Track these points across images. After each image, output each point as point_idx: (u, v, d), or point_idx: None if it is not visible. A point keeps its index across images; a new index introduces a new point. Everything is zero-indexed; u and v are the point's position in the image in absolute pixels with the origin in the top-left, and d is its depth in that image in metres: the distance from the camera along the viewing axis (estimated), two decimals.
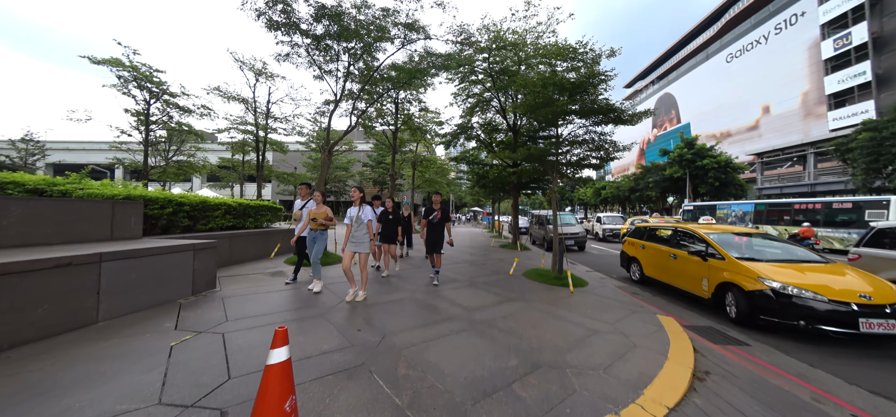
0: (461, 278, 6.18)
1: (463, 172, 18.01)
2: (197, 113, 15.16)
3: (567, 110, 5.94)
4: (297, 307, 4.01)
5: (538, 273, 6.50)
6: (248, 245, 6.92)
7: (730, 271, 4.88)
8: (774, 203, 14.72)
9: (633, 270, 7.65)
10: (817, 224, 12.30)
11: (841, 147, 15.21)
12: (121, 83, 12.91)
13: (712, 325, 4.37)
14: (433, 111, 14.83)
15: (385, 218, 6.04)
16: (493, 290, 5.30)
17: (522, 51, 10.03)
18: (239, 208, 7.02)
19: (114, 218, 3.96)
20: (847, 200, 11.96)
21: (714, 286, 5.16)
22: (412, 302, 4.38)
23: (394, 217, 6.16)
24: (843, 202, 12.05)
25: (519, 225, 12.84)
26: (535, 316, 4.09)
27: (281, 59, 7.65)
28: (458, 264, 7.90)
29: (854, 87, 26.13)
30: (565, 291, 5.46)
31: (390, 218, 6.08)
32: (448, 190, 32.92)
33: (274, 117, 14.94)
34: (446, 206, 5.49)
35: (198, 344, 2.78)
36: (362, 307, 4.09)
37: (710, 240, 5.49)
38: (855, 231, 11.23)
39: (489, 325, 3.65)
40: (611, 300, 5.10)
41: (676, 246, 6.24)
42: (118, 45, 12.36)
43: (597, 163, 6.97)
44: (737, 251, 5.36)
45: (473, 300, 4.66)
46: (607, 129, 6.65)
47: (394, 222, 6.13)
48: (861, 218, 11.39)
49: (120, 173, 30.99)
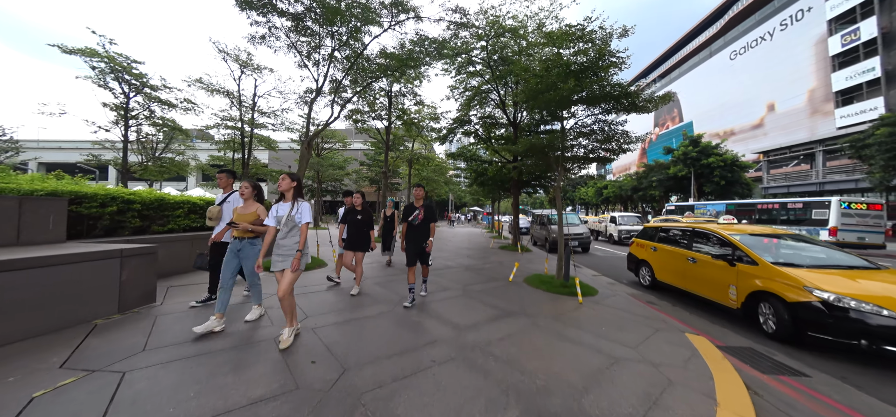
0: (454, 286, 5.43)
1: (461, 169, 17.27)
2: (180, 107, 14.41)
3: (573, 98, 5.18)
4: (242, 328, 3.26)
5: (541, 279, 5.76)
6: None
7: (765, 278, 4.20)
8: (742, 203, 16.14)
9: (642, 274, 6.95)
10: (776, 222, 13.58)
11: (857, 143, 14.51)
12: (96, 75, 12.15)
13: (752, 345, 3.63)
14: (429, 105, 14.10)
15: (352, 220, 4.71)
16: (489, 302, 4.56)
17: (523, 39, 9.29)
18: (205, 206, 6.27)
19: (21, 218, 3.21)
20: (798, 201, 13.61)
21: (744, 295, 4.48)
22: (391, 319, 3.63)
23: (364, 218, 4.76)
24: (796, 202, 13.64)
25: (519, 226, 12.09)
26: (540, 337, 3.35)
27: (256, 42, 6.90)
28: (452, 269, 7.16)
29: (862, 84, 25.45)
30: (573, 302, 4.72)
31: (359, 220, 4.71)
32: (447, 189, 32.18)
33: (261, 112, 14.17)
34: (431, 204, 4.13)
35: (75, 393, 2.00)
36: (327, 328, 3.35)
37: (739, 243, 4.78)
38: (805, 228, 12.45)
39: (483, 352, 2.91)
40: (626, 313, 4.36)
41: (695, 249, 5.54)
42: (92, 33, 11.60)
43: (606, 157, 6.22)
44: (770, 255, 4.65)
45: (466, 315, 3.91)
46: (620, 119, 5.89)
47: (363, 224, 4.75)
48: (809, 216, 12.69)
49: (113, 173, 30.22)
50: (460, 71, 11.27)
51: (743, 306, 4.49)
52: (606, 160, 6.21)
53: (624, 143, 5.82)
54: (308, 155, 6.61)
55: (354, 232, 4.72)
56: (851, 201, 11.78)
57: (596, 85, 5.23)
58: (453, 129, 11.63)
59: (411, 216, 4.10)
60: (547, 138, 6.22)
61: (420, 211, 4.09)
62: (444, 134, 11.87)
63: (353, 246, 4.71)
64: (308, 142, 6.58)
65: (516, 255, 9.76)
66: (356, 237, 4.71)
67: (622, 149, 5.89)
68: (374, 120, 13.13)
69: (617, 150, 5.95)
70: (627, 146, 5.92)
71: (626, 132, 5.82)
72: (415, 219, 4.09)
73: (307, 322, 3.48)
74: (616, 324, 3.84)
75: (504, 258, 9.24)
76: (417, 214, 4.09)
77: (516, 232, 11.78)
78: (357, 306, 4.07)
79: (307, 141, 6.58)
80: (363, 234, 4.75)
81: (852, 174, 21.71)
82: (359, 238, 4.71)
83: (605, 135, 5.92)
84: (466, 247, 11.76)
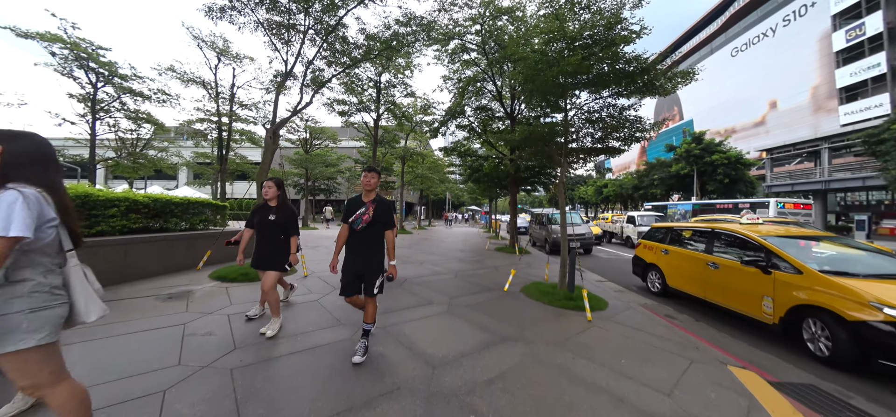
0: (438, 298, 4.59)
1: (455, 166, 16.44)
2: (155, 99, 13.44)
3: (579, 79, 4.34)
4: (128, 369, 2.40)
5: (542, 289, 4.93)
6: (161, 253, 5.29)
7: (812, 290, 3.48)
8: (704, 203, 18.59)
9: (651, 280, 6.19)
10: None
11: (870, 138, 13.84)
12: (58, 62, 11.17)
13: (815, 382, 2.82)
14: (422, 97, 13.26)
15: (261, 222, 3.15)
16: (479, 321, 3.72)
17: (522, 22, 8.46)
18: (154, 205, 5.39)
19: None
20: (746, 201, 16.13)
21: (784, 309, 3.75)
22: (341, 355, 2.77)
23: (279, 219, 3.13)
24: (745, 203, 15.98)
25: (517, 225, 11.27)
26: (542, 375, 2.52)
27: (215, 16, 6.01)
28: (440, 275, 6.31)
29: (867, 80, 24.90)
30: (580, 319, 3.90)
31: (272, 221, 3.10)
32: (443, 187, 31.32)
33: (241, 104, 13.26)
34: (386, 200, 2.74)
35: None
36: (244, 369, 2.48)
37: (775, 247, 4.03)
38: None
39: (462, 406, 2.07)
40: (647, 334, 3.54)
41: (716, 253, 4.80)
42: (52, 16, 10.62)
43: (616, 148, 5.39)
44: (815, 261, 3.88)
45: (447, 342, 3.07)
46: (631, 102, 5.05)
47: (278, 228, 3.12)
48: (755, 214, 15.01)
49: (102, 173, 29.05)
50: (454, 59, 10.43)
51: (781, 322, 3.76)
52: (617, 151, 5.39)
53: (637, 131, 4.99)
54: (274, 145, 5.74)
55: (265, 241, 3.12)
56: (785, 201, 14.58)
57: (606, 62, 4.40)
58: (446, 122, 10.77)
59: (353, 216, 2.60)
60: (548, 126, 5.40)
61: (368, 209, 2.59)
62: (437, 126, 11.01)
63: (262, 261, 3.09)
64: (274, 131, 5.71)
65: (513, 258, 8.94)
66: (266, 248, 3.10)
67: (635, 138, 5.06)
68: (361, 112, 12.25)
69: (628, 139, 5.12)
70: (640, 134, 5.09)
71: (639, 117, 4.99)
72: (357, 222, 2.58)
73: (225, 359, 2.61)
74: (638, 353, 3.01)
75: (500, 261, 8.42)
76: (363, 213, 2.57)
77: (514, 232, 10.96)
78: (292, 335, 3.19)
79: (273, 129, 5.71)
80: (277, 244, 3.11)
81: (859, 172, 21.08)
82: (270, 249, 3.10)
83: (615, 121, 5.08)
84: (460, 249, 10.93)
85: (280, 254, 3.13)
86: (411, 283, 5.49)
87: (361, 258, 2.60)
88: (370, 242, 2.64)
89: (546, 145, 5.43)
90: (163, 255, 5.31)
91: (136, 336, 2.89)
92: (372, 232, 2.63)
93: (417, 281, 5.62)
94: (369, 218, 2.59)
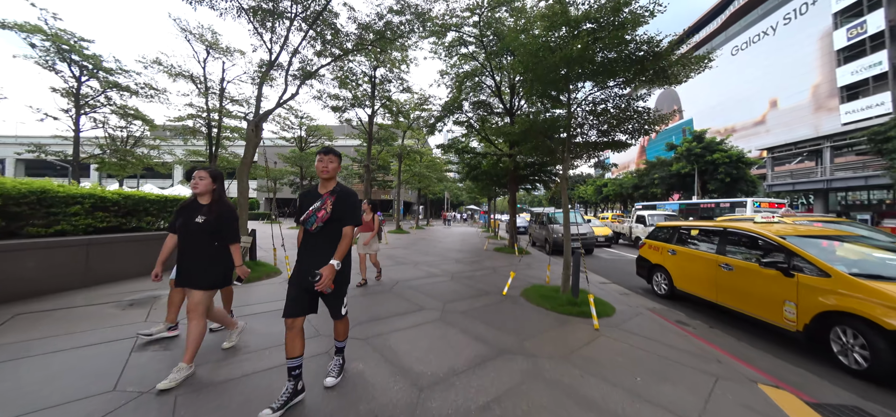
0: (431, 304, 4.21)
1: (453, 164, 16.05)
2: (142, 94, 12.99)
3: (585, 55, 3.97)
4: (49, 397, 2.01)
5: (543, 293, 4.57)
6: (135, 254, 4.89)
7: (842, 294, 3.15)
8: (689, 203, 19.18)
9: (657, 281, 5.87)
10: (712, 219, 15.34)
11: (876, 136, 13.58)
12: (39, 55, 10.71)
13: (858, 405, 2.46)
14: (418, 92, 12.88)
15: (184, 225, 2.32)
16: (475, 329, 3.35)
17: (522, 14, 8.09)
18: (125, 203, 4.98)
19: None
20: (726, 201, 16.85)
21: (809, 315, 3.40)
22: (313, 375, 2.40)
23: (210, 219, 2.33)
24: (723, 202, 16.78)
25: (517, 225, 10.91)
26: (546, 398, 2.15)
27: (194, 1, 5.60)
28: (434, 277, 5.94)
29: (869, 79, 24.70)
30: (586, 327, 3.53)
31: (199, 224, 2.30)
32: (442, 186, 30.94)
33: (232, 99, 12.81)
34: (348, 192, 2.11)
35: None
36: (191, 396, 2.10)
37: (797, 248, 3.73)
38: None
39: None
40: (661, 344, 3.18)
41: (729, 254, 4.48)
42: (32, 6, 10.17)
43: (623, 141, 5.03)
44: (843, 263, 3.55)
45: (437, 356, 2.70)
46: (640, 92, 4.68)
47: (206, 231, 2.31)
48: (734, 213, 15.26)
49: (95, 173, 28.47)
50: (451, 52, 10.07)
51: (806, 329, 3.43)
52: (623, 145, 5.03)
53: (646, 123, 4.62)
54: (256, 139, 5.35)
55: (190, 251, 2.29)
56: (761, 201, 15.43)
57: (613, 49, 4.03)
58: (443, 117, 10.40)
59: (305, 213, 2.01)
60: (550, 119, 5.03)
61: (326, 203, 1.99)
62: (433, 122, 10.62)
63: (186, 277, 2.29)
64: (256, 124, 5.31)
65: (513, 259, 8.58)
66: (191, 260, 2.28)
67: (644, 131, 4.70)
68: (355, 107, 11.85)
69: (636, 132, 4.75)
70: (649, 127, 4.73)
71: (648, 109, 4.63)
72: (311, 220, 1.98)
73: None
74: (655, 369, 2.65)
75: (499, 262, 8.06)
76: (318, 209, 1.98)
77: (513, 232, 10.61)
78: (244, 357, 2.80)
79: (255, 122, 5.31)
80: (206, 255, 2.30)
81: (861, 171, 20.87)
82: (196, 262, 2.28)
83: (621, 112, 4.72)
84: (457, 249, 10.56)
85: (210, 268, 2.30)
86: (403, 286, 5.11)
87: (317, 267, 1.88)
88: (328, 246, 1.97)
89: (548, 139, 5.06)
90: (136, 257, 4.92)
91: (76, 352, 2.50)
92: (330, 234, 2.00)
93: (410, 285, 5.25)
94: (327, 215, 1.97)
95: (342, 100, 11.31)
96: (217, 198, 2.45)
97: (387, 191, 28.46)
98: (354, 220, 2.08)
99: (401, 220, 20.32)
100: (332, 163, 2.09)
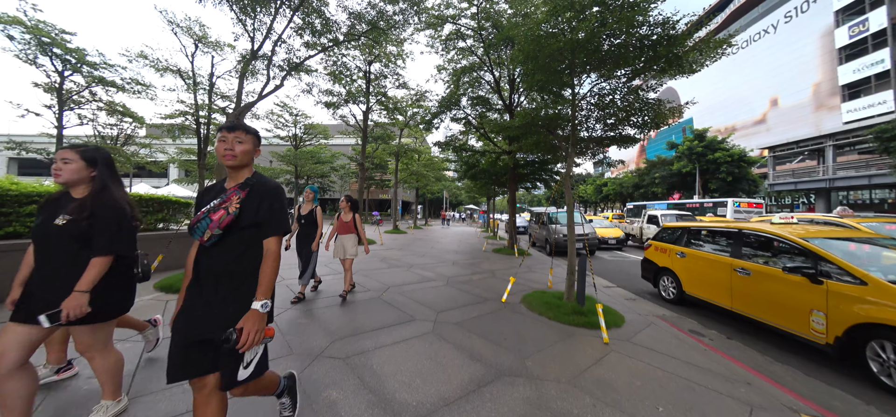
0: (423, 313, 3.84)
1: (450, 162, 15.69)
2: (130, 90, 12.54)
3: (591, 40, 3.60)
4: None
5: (545, 300, 4.21)
6: None
7: (882, 305, 2.81)
8: (677, 203, 19.68)
9: (664, 285, 5.54)
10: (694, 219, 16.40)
11: (882, 134, 13.31)
12: (18, 47, 10.25)
13: None
14: (414, 88, 12.50)
15: (40, 229, 1.59)
16: (470, 345, 2.98)
17: (522, 4, 7.72)
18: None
19: None
20: (709, 200, 17.32)
21: (842, 328, 3.06)
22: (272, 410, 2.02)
23: (77, 219, 1.56)
24: (708, 202, 17.21)
25: (516, 225, 10.56)
26: None
27: None
28: (429, 282, 5.57)
29: (870, 77, 24.50)
30: (595, 341, 3.17)
31: (59, 228, 1.55)
32: (440, 185, 30.55)
33: (222, 95, 12.38)
34: (264, 187, 1.39)
35: None
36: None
37: (825, 252, 3.42)
38: None
39: None
40: (680, 361, 2.83)
41: (744, 257, 4.14)
42: None
43: (631, 136, 4.67)
44: (880, 269, 3.23)
45: (426, 381, 2.33)
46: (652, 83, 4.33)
47: (68, 237, 1.57)
48: (716, 213, 15.68)
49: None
50: (448, 46, 9.69)
51: (837, 342, 3.08)
52: (631, 140, 4.68)
53: (658, 116, 4.26)
54: None
55: (47, 264, 1.57)
56: (741, 201, 15.65)
57: (623, 33, 3.67)
58: (440, 113, 10.02)
59: (201, 216, 1.29)
60: (552, 114, 4.67)
61: (229, 200, 1.31)
62: (429, 118, 10.25)
63: (39, 301, 1.51)
64: (236, 118, 4.93)
65: (513, 261, 8.22)
66: (48, 275, 1.56)
67: (655, 124, 4.34)
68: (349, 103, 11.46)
69: (647, 125, 4.39)
70: (661, 119, 4.37)
71: (660, 101, 4.27)
72: (202, 227, 1.28)
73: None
74: (678, 396, 2.28)
75: (498, 264, 7.70)
76: (213, 210, 1.30)
77: (513, 232, 10.25)
78: None
79: (234, 115, 4.93)
80: (71, 269, 1.54)
81: (864, 170, 20.64)
82: (54, 279, 1.55)
83: (630, 105, 4.35)
84: (455, 250, 10.19)
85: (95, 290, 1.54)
86: (394, 292, 4.74)
87: (213, 299, 1.26)
88: (229, 268, 1.29)
89: (550, 134, 4.69)
90: None
91: None
92: (235, 248, 1.30)
93: (401, 290, 4.87)
94: (228, 219, 1.26)
95: (335, 96, 10.91)
96: (98, 189, 1.64)
97: (385, 191, 28.05)
98: (279, 227, 1.36)
99: (398, 220, 19.94)
100: (242, 145, 1.36)
